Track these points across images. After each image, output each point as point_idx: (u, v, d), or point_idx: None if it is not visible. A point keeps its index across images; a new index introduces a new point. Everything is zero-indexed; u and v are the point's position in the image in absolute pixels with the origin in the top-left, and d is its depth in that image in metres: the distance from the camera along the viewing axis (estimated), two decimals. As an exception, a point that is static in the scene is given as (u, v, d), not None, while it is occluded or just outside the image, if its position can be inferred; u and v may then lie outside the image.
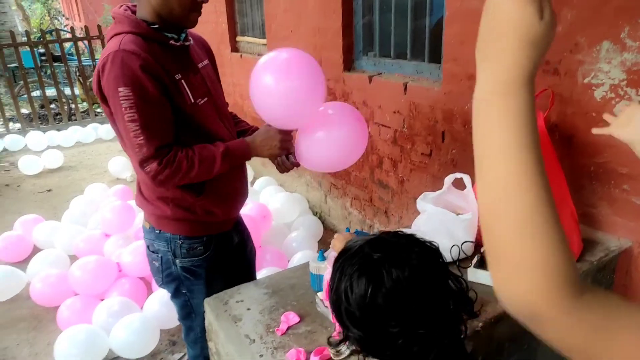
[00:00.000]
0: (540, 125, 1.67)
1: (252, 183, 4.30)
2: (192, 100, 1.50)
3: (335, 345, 0.83)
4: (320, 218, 3.88)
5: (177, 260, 1.67)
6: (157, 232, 1.67)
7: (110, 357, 2.47)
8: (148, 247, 1.75)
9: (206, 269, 1.72)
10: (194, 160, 1.47)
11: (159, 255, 1.70)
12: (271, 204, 3.50)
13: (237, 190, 1.76)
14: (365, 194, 3.30)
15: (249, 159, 1.66)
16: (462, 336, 0.83)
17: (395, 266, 0.76)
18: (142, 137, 1.39)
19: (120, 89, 1.35)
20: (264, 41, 4.31)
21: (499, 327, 1.43)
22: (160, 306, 2.52)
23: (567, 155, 1.88)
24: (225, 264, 1.78)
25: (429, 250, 0.83)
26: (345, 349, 1.28)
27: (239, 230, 1.88)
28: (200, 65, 1.61)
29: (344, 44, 3.15)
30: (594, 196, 1.84)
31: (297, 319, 1.46)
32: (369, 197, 3.28)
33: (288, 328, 1.43)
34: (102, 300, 2.63)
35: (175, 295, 1.77)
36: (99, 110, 7.64)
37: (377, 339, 0.76)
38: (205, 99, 1.57)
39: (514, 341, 1.50)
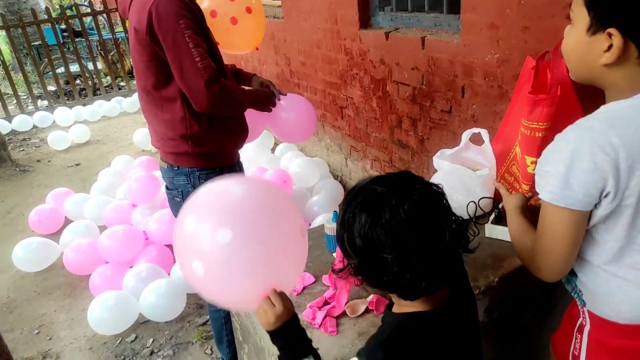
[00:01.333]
0: (564, 74, 1.57)
1: (273, 150, 4.30)
2: (216, 50, 1.78)
3: (337, 272, 0.87)
4: (341, 182, 3.86)
5: None
6: (176, 168, 1.81)
7: (140, 321, 2.57)
8: (167, 186, 1.91)
9: None
10: (234, 87, 1.73)
11: (180, 190, 1.84)
12: (291, 169, 3.50)
13: (238, 124, 1.92)
14: (386, 155, 3.25)
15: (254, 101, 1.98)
16: (458, 269, 0.90)
17: (396, 199, 0.80)
18: (207, 60, 1.59)
19: (181, 21, 1.55)
20: (278, 2, 4.21)
21: (515, 282, 1.41)
22: (186, 271, 2.59)
23: (594, 105, 1.75)
24: None
25: (431, 190, 0.86)
26: (361, 307, 1.28)
27: (240, 167, 2.08)
28: None
29: (359, 0, 3.04)
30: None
31: (312, 279, 1.47)
32: (389, 158, 3.23)
33: (304, 288, 1.44)
34: (131, 267, 2.72)
35: None
36: (122, 83, 7.72)
37: (374, 266, 0.81)
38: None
39: (529, 298, 1.48)
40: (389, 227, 0.79)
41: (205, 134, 1.76)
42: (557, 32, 1.79)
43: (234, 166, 1.97)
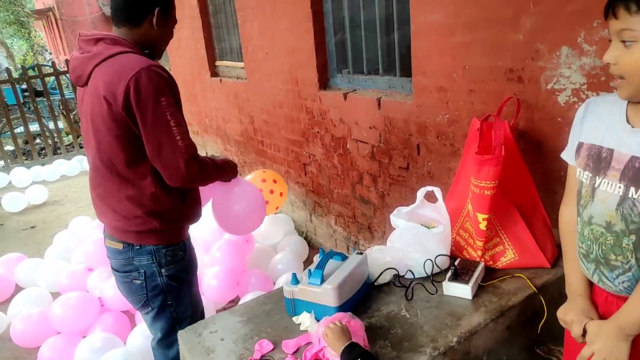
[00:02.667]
0: (507, 134, 1.68)
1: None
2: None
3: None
4: (306, 237, 3.85)
5: (163, 270, 1.75)
6: (137, 247, 1.72)
7: (93, 396, 2.41)
8: (120, 269, 1.78)
9: (187, 272, 1.86)
10: (208, 163, 1.73)
11: (142, 271, 1.74)
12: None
13: (198, 194, 1.91)
14: (349, 211, 3.29)
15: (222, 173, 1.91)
16: None
17: None
18: (187, 139, 1.59)
19: (163, 98, 1.52)
20: (241, 64, 4.34)
21: (475, 341, 1.41)
22: (144, 339, 2.47)
23: (538, 161, 1.88)
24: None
25: None
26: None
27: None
28: None
29: (318, 63, 3.17)
30: (566, 200, 1.84)
31: (270, 347, 1.43)
32: (352, 214, 3.26)
33: (262, 356, 1.40)
34: (84, 337, 2.57)
35: (160, 310, 1.81)
36: (84, 142, 7.62)
37: None
38: None
39: (490, 355, 1.48)
40: None
41: (176, 209, 1.74)
42: (500, 94, 1.92)
43: (189, 238, 1.93)
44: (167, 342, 1.88)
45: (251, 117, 4.32)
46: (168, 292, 1.78)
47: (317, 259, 1.63)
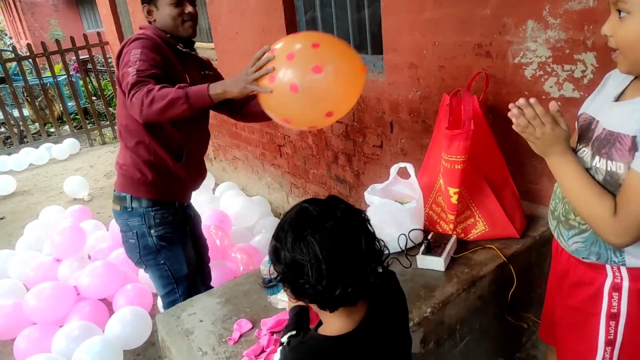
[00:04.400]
0: (476, 109, 1.70)
1: (214, 190, 4.24)
2: (188, 82, 1.76)
3: (265, 283, 1.05)
4: (284, 218, 3.86)
5: (152, 231, 1.88)
6: (130, 210, 1.87)
7: (73, 384, 2.39)
8: (121, 228, 1.94)
9: (180, 234, 1.96)
10: (162, 89, 1.62)
11: (134, 231, 1.89)
12: (231, 209, 3.45)
13: (201, 169, 2.07)
14: (325, 190, 3.30)
15: (206, 96, 1.61)
16: (372, 280, 0.94)
17: (320, 216, 0.89)
18: (140, 74, 1.60)
19: (135, 50, 1.66)
20: (211, 45, 4.25)
21: (448, 310, 1.45)
22: (123, 326, 2.46)
23: (507, 135, 1.90)
24: (189, 233, 2.06)
25: (353, 210, 0.94)
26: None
27: (192, 208, 2.18)
28: (202, 72, 1.97)
29: (289, 42, 3.13)
30: (534, 172, 1.89)
31: (249, 326, 1.45)
32: (328, 194, 3.27)
33: (240, 336, 1.41)
34: (61, 326, 2.54)
35: (154, 268, 1.95)
36: (51, 129, 7.39)
37: (296, 273, 0.88)
38: None
39: (463, 324, 1.53)
40: (310, 240, 0.86)
41: (171, 166, 1.86)
42: (469, 70, 1.94)
43: (187, 207, 2.07)
44: (169, 301, 1.97)
45: (224, 99, 4.25)
46: (158, 251, 1.91)
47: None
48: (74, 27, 14.14)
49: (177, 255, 1.96)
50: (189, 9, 1.81)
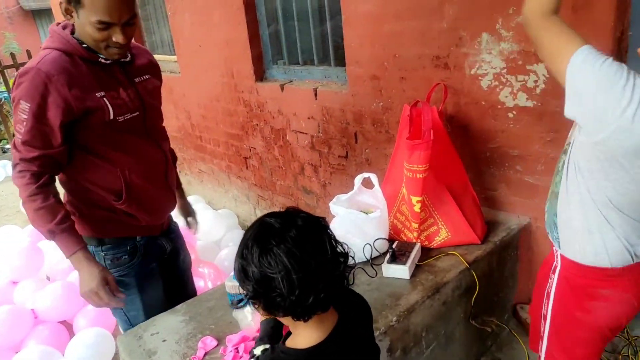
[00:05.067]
0: (435, 119, 1.74)
1: (179, 204, 4.15)
2: (112, 117, 1.50)
3: (235, 304, 1.05)
4: (252, 231, 3.82)
5: None
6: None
7: (31, 413, 2.28)
8: None
9: (137, 277, 1.66)
10: (37, 200, 1.43)
11: None
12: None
13: (160, 199, 1.71)
14: (292, 202, 3.29)
15: (67, 256, 1.50)
16: (342, 284, 0.95)
17: (282, 227, 0.89)
18: (23, 136, 1.41)
19: (22, 102, 1.39)
20: (174, 58, 4.20)
21: (413, 318, 1.47)
22: (85, 349, 2.36)
23: (466, 144, 1.97)
24: (159, 272, 1.73)
25: (314, 218, 0.94)
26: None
27: (171, 238, 1.81)
28: (137, 79, 1.60)
29: (253, 55, 3.13)
30: (493, 179, 1.95)
31: (214, 343, 1.42)
32: (295, 205, 3.27)
33: (205, 354, 1.39)
34: (17, 352, 2.42)
35: (112, 309, 1.72)
36: (7, 146, 7.11)
37: (267, 288, 0.86)
38: (136, 113, 1.57)
39: (429, 330, 1.55)
40: (277, 251, 0.86)
41: (108, 205, 1.57)
42: (429, 81, 1.99)
43: (156, 239, 1.71)
44: None
45: (188, 112, 4.20)
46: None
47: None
48: (31, 40, 13.70)
49: (133, 301, 1.66)
50: (117, 37, 1.41)
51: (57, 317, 2.65)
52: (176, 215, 1.93)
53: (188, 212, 2.02)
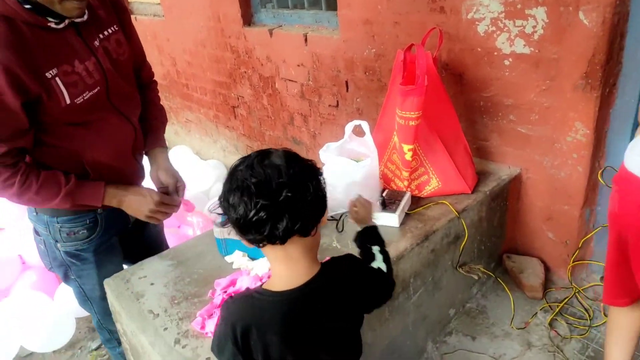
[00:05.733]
0: (429, 64, 1.69)
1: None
2: (68, 101, 1.27)
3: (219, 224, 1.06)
4: (240, 182, 3.80)
5: (59, 245, 1.50)
6: (35, 214, 1.47)
7: (22, 355, 2.32)
8: (33, 230, 1.57)
9: (94, 252, 1.53)
10: (32, 184, 1.29)
11: (42, 238, 1.52)
12: (185, 173, 3.35)
13: (128, 176, 1.54)
14: (281, 152, 3.26)
15: (99, 206, 1.43)
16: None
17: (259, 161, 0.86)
18: None
19: None
20: (157, 0, 4.00)
21: (402, 265, 1.48)
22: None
23: (459, 92, 1.93)
24: (122, 244, 1.63)
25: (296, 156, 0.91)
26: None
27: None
28: (97, 42, 1.34)
29: (240, -3, 2.99)
30: (485, 129, 1.92)
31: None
32: (284, 155, 3.24)
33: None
34: (7, 297, 2.43)
35: (66, 280, 1.62)
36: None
37: (230, 205, 0.85)
38: (96, 89, 1.33)
39: (416, 277, 1.57)
40: (242, 169, 0.85)
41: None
42: (423, 26, 1.92)
43: (120, 212, 1.49)
44: (85, 309, 1.70)
45: (173, 58, 4.06)
46: (68, 267, 1.55)
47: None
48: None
49: (89, 276, 1.55)
50: None
51: (44, 264, 2.65)
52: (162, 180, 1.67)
53: (175, 176, 1.67)
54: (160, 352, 1.20)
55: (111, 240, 1.57)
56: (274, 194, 0.82)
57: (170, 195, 1.58)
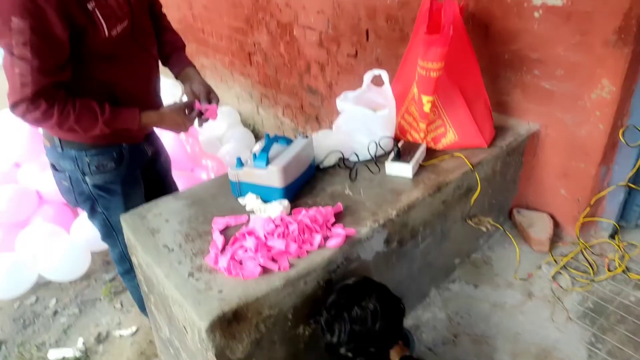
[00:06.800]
0: (456, 14, 1.63)
1: (182, 96, 4.08)
2: (107, 33, 1.35)
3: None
4: (253, 130, 3.80)
5: (87, 179, 1.58)
6: (61, 151, 1.54)
7: (41, 282, 2.42)
8: (53, 166, 1.63)
9: (122, 184, 1.64)
10: (70, 113, 1.35)
11: (67, 174, 1.59)
12: (199, 119, 3.35)
13: (149, 108, 1.59)
14: (296, 101, 3.23)
15: (136, 129, 1.53)
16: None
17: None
18: (29, 78, 1.25)
19: (14, 19, 1.17)
20: (175, -62, 3.87)
21: (412, 214, 1.49)
22: (89, 228, 2.44)
23: (484, 45, 1.87)
24: (141, 177, 1.72)
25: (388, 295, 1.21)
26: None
27: (151, 141, 1.80)
28: None
29: (260, -63, 2.88)
30: (508, 84, 1.88)
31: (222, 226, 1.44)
32: (299, 104, 3.21)
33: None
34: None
35: (92, 215, 1.70)
36: None
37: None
38: (125, 22, 1.41)
39: (425, 226, 1.58)
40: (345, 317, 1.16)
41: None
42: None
43: (139, 145, 1.65)
44: (107, 242, 1.81)
45: (189, 2, 3.96)
46: (96, 200, 1.63)
47: (262, 143, 1.61)
48: None
49: (117, 208, 1.64)
50: None
51: (61, 199, 2.70)
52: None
53: (206, 86, 1.70)
54: (175, 283, 1.24)
55: (135, 173, 1.68)
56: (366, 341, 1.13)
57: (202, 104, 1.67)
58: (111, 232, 1.73)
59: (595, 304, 1.69)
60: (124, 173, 1.63)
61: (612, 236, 1.92)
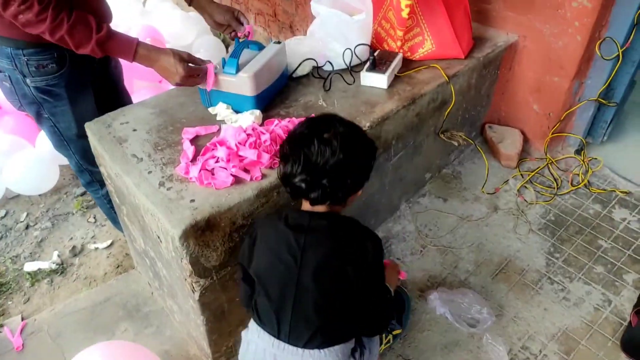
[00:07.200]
0: None
1: (144, 2, 3.79)
2: None
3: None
4: (224, 40, 3.60)
5: (28, 80, 1.46)
6: None
7: (9, 196, 2.38)
8: None
9: (66, 88, 1.51)
10: (63, 21, 1.25)
11: (7, 75, 1.46)
12: (164, 26, 3.15)
13: (99, 9, 1.49)
14: (269, 8, 3.04)
15: (130, 61, 1.38)
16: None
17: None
18: None
19: None
20: None
21: (386, 126, 1.48)
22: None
23: (468, -54, 1.76)
24: (91, 81, 1.60)
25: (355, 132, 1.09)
26: None
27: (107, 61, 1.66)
28: None
29: None
30: (489, -9, 1.80)
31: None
32: (272, 11, 3.03)
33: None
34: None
35: (39, 121, 1.60)
36: None
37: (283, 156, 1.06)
38: None
39: (398, 139, 1.59)
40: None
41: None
42: None
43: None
44: (61, 153, 1.70)
45: None
46: (40, 104, 1.53)
47: (231, 48, 1.52)
48: None
49: (64, 113, 1.54)
50: None
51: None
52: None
53: (229, 10, 1.59)
54: (145, 192, 1.23)
55: (82, 78, 1.55)
56: (320, 175, 1.00)
57: (234, 27, 1.57)
58: (62, 140, 1.63)
59: (556, 216, 1.78)
60: (68, 76, 1.50)
61: (578, 152, 1.98)
